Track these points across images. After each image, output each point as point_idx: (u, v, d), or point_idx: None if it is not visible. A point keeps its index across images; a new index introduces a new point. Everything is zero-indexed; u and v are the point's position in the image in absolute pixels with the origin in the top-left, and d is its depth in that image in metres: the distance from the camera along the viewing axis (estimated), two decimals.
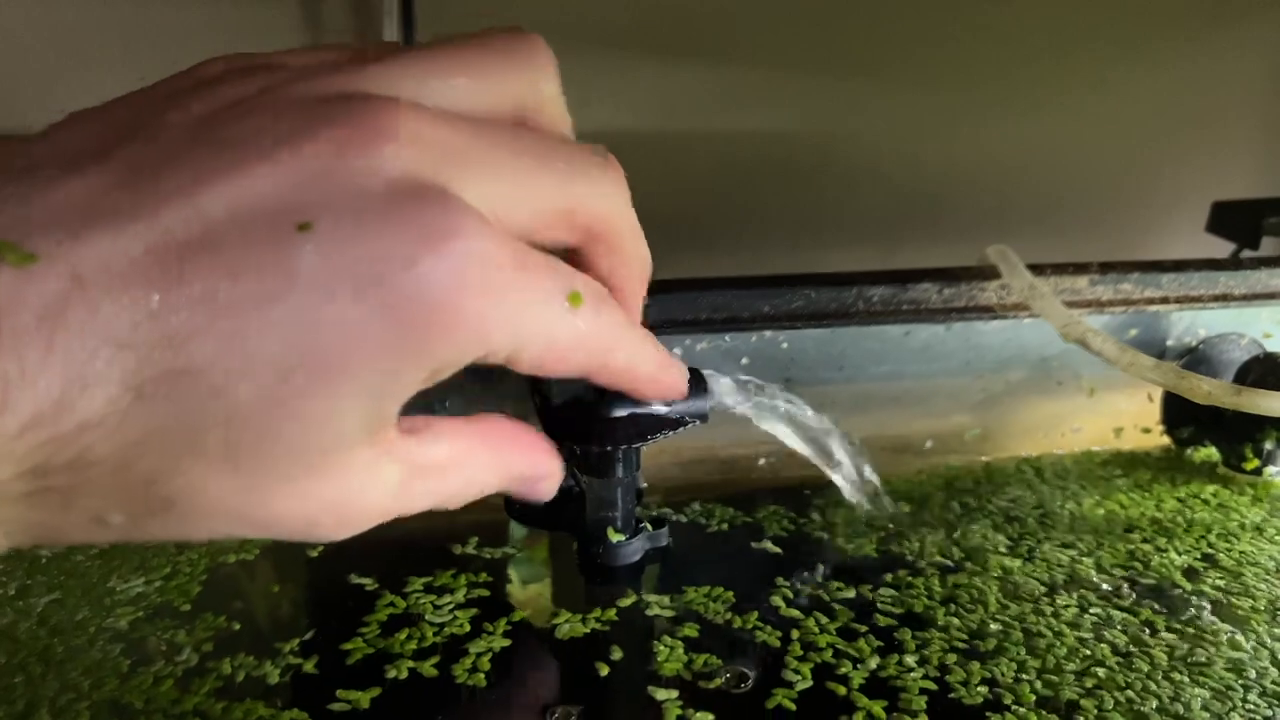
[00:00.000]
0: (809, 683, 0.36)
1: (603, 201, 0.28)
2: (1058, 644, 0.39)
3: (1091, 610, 0.42)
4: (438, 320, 0.23)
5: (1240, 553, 0.47)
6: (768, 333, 0.50)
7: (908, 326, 0.51)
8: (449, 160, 0.23)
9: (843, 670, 0.37)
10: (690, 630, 0.40)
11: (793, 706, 0.35)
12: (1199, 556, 0.46)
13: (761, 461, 0.53)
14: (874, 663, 0.38)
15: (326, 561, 0.45)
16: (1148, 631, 0.41)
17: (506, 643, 0.39)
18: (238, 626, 0.39)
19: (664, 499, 0.50)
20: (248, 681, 0.36)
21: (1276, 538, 0.48)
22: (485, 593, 0.42)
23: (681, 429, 0.44)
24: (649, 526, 0.47)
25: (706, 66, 0.79)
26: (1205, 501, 0.52)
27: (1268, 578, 0.45)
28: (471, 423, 0.30)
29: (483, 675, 0.37)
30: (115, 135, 0.23)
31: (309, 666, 0.37)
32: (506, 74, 0.27)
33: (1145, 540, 0.47)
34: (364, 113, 0.23)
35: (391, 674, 0.36)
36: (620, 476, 0.44)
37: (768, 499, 0.50)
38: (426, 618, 0.40)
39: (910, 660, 0.38)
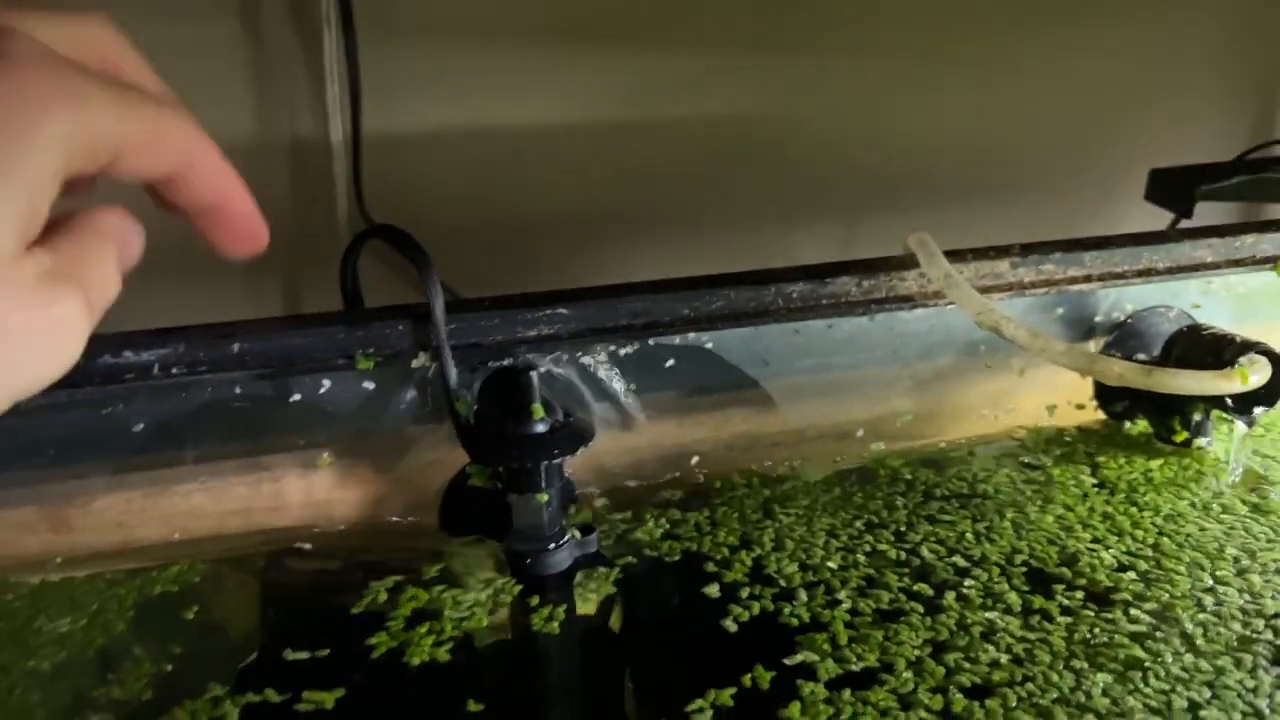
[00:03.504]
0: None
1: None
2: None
3: (1005, 599, 0.43)
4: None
5: (1185, 535, 0.47)
6: (691, 334, 0.50)
7: (829, 320, 0.52)
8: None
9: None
10: None
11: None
12: (1148, 542, 0.47)
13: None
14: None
15: (261, 587, 0.45)
16: (1069, 617, 0.41)
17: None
18: (169, 668, 0.40)
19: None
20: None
21: (1223, 516, 0.49)
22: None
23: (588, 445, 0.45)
24: (578, 534, 0.47)
25: (660, 53, 0.79)
26: (1150, 479, 0.52)
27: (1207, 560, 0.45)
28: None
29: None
30: None
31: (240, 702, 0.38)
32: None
33: (1098, 531, 0.48)
34: None
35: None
36: (543, 489, 0.45)
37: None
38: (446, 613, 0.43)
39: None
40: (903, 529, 0.48)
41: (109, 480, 0.46)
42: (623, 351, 0.50)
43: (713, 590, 0.44)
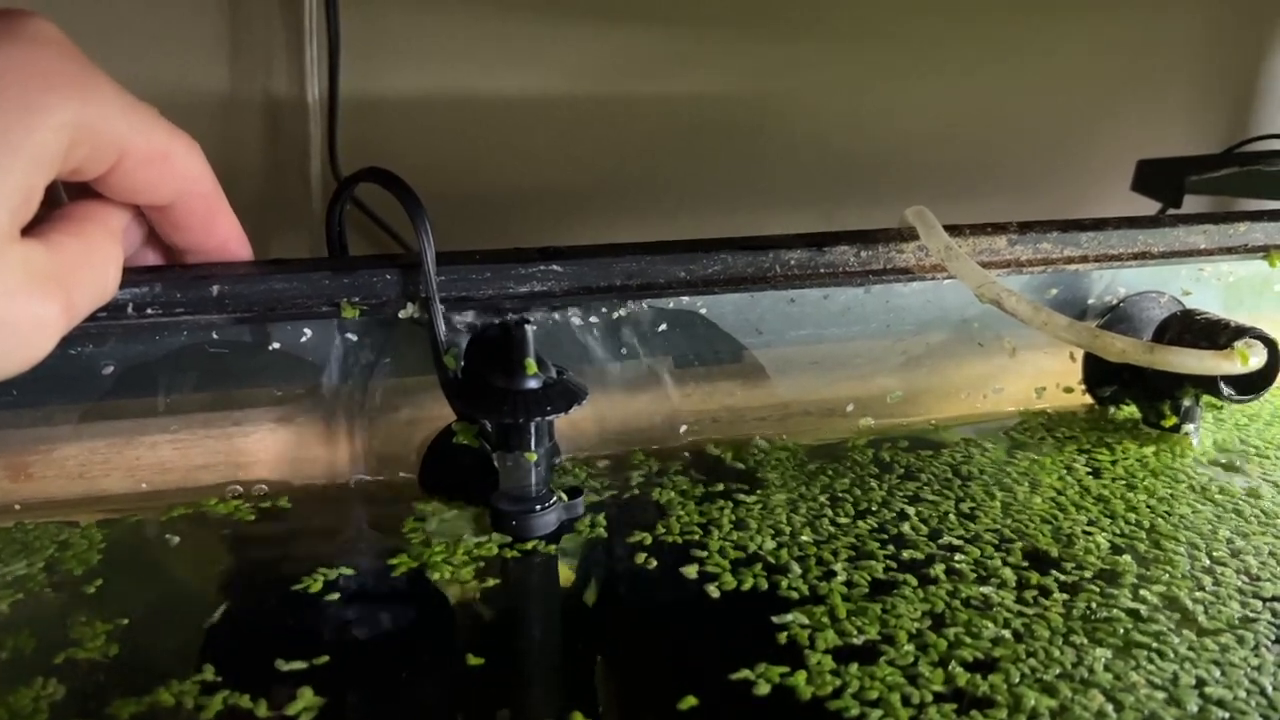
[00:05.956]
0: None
1: None
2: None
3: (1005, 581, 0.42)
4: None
5: (1179, 518, 0.47)
6: (685, 298, 0.49)
7: (826, 290, 0.51)
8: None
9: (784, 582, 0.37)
10: None
11: None
12: (1143, 525, 0.46)
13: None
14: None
15: (237, 541, 0.43)
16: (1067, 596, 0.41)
17: None
18: (125, 621, 0.38)
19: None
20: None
21: (1217, 498, 0.49)
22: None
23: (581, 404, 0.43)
24: (564, 497, 0.46)
25: (641, 29, 0.77)
26: (1141, 463, 0.52)
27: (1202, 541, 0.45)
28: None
29: None
30: None
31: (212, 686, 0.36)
32: None
33: (1093, 513, 0.47)
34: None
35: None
36: (532, 448, 0.44)
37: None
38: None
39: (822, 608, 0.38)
40: (875, 505, 0.47)
41: (74, 428, 0.44)
42: (612, 314, 0.48)
43: (691, 577, 0.43)
